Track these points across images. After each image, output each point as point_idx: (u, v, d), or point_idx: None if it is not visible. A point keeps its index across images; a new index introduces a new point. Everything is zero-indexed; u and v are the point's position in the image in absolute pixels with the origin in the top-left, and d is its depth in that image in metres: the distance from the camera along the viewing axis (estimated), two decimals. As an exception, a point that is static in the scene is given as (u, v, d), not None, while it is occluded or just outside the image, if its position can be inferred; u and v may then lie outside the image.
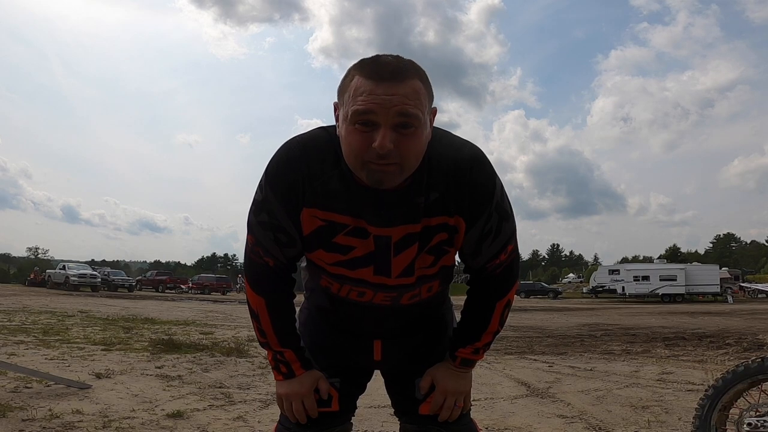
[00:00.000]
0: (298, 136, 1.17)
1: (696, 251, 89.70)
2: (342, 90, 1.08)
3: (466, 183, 1.13)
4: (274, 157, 1.15)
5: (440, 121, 1.14)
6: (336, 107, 1.11)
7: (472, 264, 1.25)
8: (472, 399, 1.41)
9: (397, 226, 1.14)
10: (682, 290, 34.28)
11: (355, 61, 1.08)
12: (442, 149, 1.14)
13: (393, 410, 1.44)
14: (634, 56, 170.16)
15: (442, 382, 1.31)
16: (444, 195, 1.13)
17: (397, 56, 1.06)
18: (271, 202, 1.14)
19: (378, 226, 1.14)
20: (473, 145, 1.18)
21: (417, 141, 1.05)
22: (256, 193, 1.18)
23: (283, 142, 1.17)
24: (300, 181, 1.12)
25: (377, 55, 1.06)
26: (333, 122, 1.15)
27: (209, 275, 44.61)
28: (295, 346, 1.28)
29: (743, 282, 40.08)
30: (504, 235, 1.20)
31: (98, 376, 4.42)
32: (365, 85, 1.02)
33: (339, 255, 1.18)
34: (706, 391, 2.34)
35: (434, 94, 1.11)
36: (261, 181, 1.16)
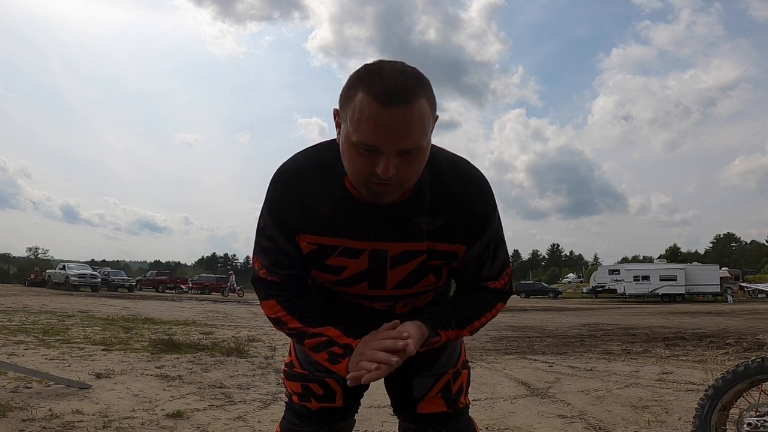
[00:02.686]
0: (288, 162, 1.20)
1: (696, 251, 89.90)
2: (345, 101, 1.04)
3: (472, 212, 1.16)
4: (269, 188, 1.19)
5: (441, 120, 1.13)
6: (336, 114, 1.09)
7: (475, 280, 1.25)
8: (471, 399, 1.41)
9: (394, 242, 1.16)
10: (682, 290, 34.32)
11: (359, 67, 1.05)
12: (449, 174, 1.15)
13: (392, 409, 1.44)
14: (635, 55, 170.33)
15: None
16: (451, 223, 1.15)
17: (402, 67, 1.03)
18: (270, 228, 1.20)
19: (374, 240, 1.16)
20: (477, 169, 1.20)
21: (419, 163, 1.06)
22: (258, 219, 1.23)
23: (277, 167, 1.20)
24: (294, 210, 1.16)
25: (382, 66, 1.03)
26: (332, 121, 1.15)
27: (209, 275, 44.64)
28: (332, 322, 1.19)
29: (743, 282, 40.07)
30: (501, 257, 1.25)
31: (98, 376, 4.42)
32: (370, 108, 0.98)
33: (333, 275, 1.22)
34: (706, 391, 2.33)
35: (436, 93, 1.11)
36: (262, 209, 1.21)
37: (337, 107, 1.08)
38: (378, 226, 1.14)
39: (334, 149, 1.13)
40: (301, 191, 1.15)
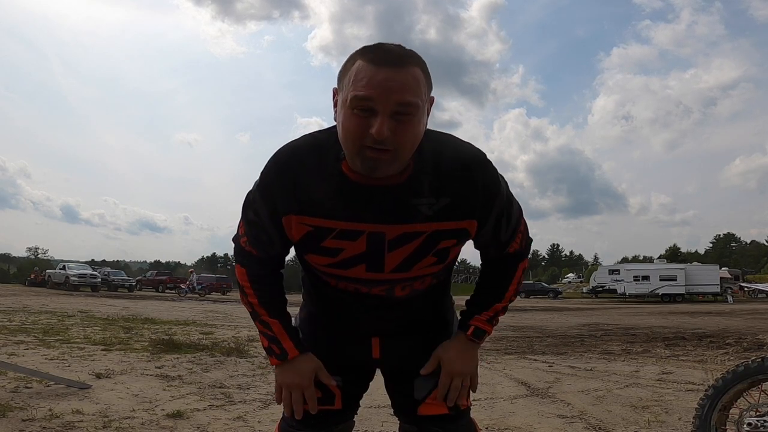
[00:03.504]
0: (287, 144, 1.21)
1: (696, 251, 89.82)
2: (342, 74, 1.09)
3: (476, 187, 1.16)
4: (267, 164, 1.20)
5: (441, 119, 1.23)
6: (335, 93, 1.12)
7: (494, 254, 1.31)
8: (472, 399, 1.41)
9: (392, 224, 1.15)
10: (682, 290, 34.33)
11: (359, 48, 1.10)
12: (448, 153, 1.16)
13: (393, 410, 1.44)
14: (636, 54, 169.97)
15: (448, 363, 1.30)
16: (457, 200, 1.15)
17: (400, 45, 1.08)
18: (258, 204, 1.21)
19: (372, 222, 1.15)
20: (475, 147, 1.20)
21: (414, 128, 1.06)
22: (248, 193, 1.24)
23: (277, 149, 1.21)
24: (287, 191, 1.16)
25: (380, 42, 1.08)
26: (332, 120, 1.15)
27: (209, 275, 44.56)
28: (283, 320, 1.29)
29: (743, 282, 40.06)
30: (513, 218, 1.27)
31: (98, 376, 4.42)
32: (366, 69, 1.03)
33: (329, 258, 1.21)
34: (706, 391, 2.34)
35: (435, 92, 1.14)
36: (256, 181, 1.22)
37: (336, 86, 1.12)
38: (375, 209, 1.14)
39: (333, 133, 1.14)
40: (296, 175, 1.16)
